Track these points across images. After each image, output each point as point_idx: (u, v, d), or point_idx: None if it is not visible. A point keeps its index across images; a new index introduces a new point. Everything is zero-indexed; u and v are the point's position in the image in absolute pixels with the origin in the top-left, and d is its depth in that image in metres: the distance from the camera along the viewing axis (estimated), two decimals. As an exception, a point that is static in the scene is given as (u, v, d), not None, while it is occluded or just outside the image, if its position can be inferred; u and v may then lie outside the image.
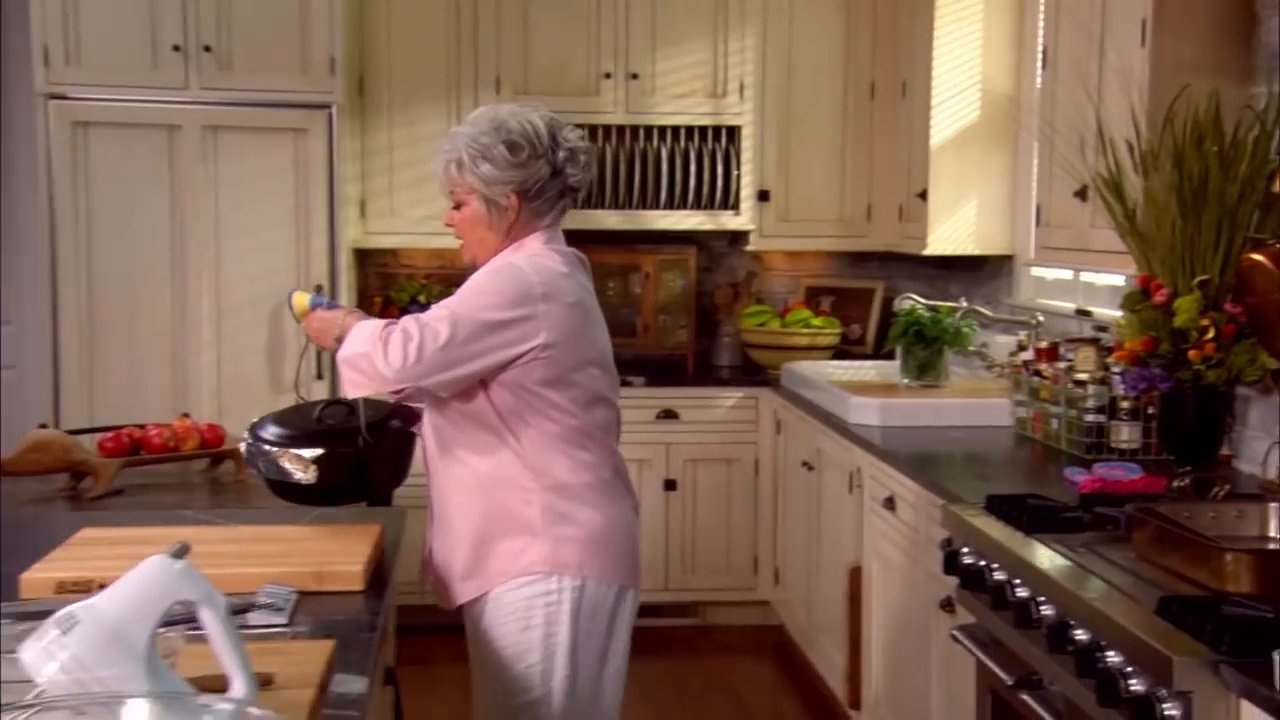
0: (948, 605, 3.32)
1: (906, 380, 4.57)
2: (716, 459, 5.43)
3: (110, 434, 3.74)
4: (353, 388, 2.65)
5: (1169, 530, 2.51)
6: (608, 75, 5.53)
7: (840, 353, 5.69)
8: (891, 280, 5.97)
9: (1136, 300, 3.30)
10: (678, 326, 5.70)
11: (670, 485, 5.36)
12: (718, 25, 5.57)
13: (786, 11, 5.61)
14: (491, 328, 2.59)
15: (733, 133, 5.60)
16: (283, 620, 2.12)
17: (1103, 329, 3.94)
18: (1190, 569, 2.41)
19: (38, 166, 5.06)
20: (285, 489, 2.77)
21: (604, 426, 2.77)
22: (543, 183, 2.69)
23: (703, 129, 5.59)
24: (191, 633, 1.50)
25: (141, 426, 3.82)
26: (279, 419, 2.85)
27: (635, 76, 5.53)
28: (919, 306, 4.61)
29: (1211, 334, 3.14)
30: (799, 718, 4.71)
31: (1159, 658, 2.05)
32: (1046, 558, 2.62)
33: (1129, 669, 2.17)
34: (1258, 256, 3.09)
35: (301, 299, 2.85)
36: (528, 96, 5.46)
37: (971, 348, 4.62)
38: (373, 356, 2.58)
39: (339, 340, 2.69)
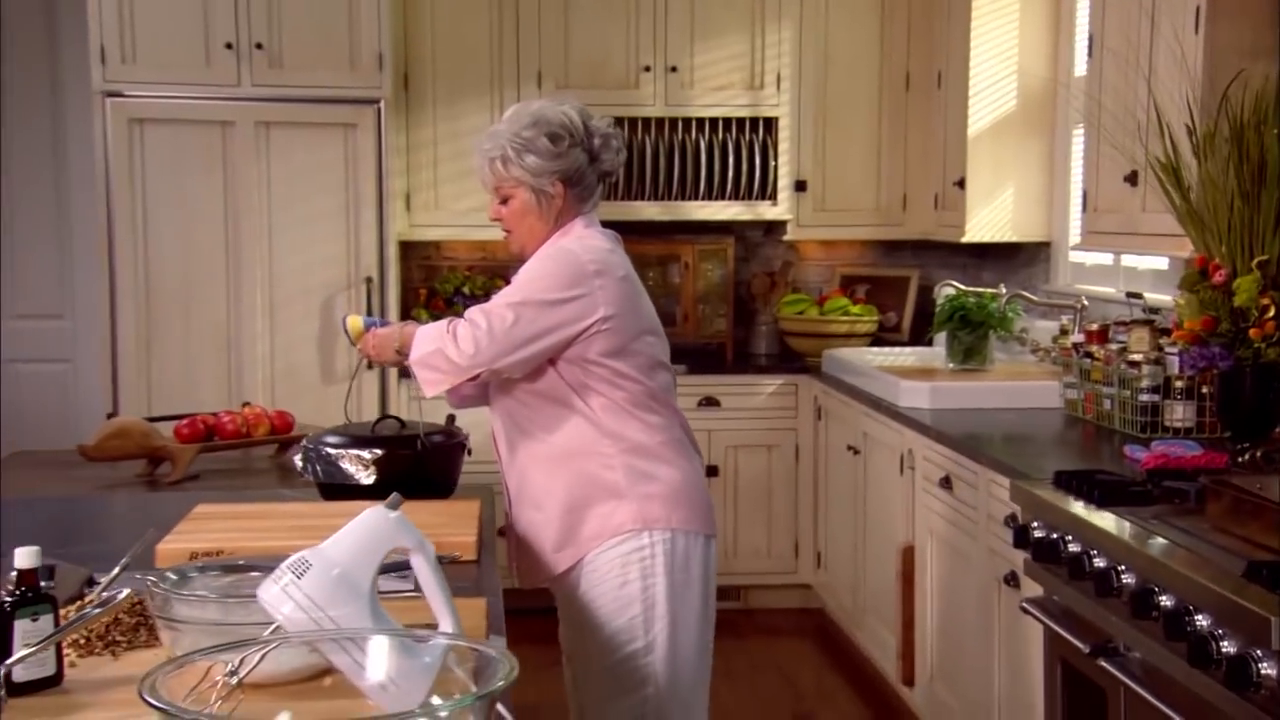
0: (1012, 579, 3.42)
1: (952, 365, 4.66)
2: (757, 445, 5.53)
3: (185, 420, 3.84)
4: (430, 386, 2.81)
5: (1246, 500, 2.61)
6: (647, 68, 5.63)
7: (876, 340, 5.78)
8: (925, 268, 6.07)
9: (1195, 280, 3.40)
10: (716, 315, 5.80)
11: (712, 471, 5.45)
12: (755, 18, 5.67)
13: (822, 4, 5.70)
14: (553, 306, 2.76)
15: (770, 124, 5.70)
16: (412, 586, 2.21)
17: (1155, 311, 4.03)
18: (1268, 536, 2.50)
19: (95, 163, 5.17)
20: (340, 492, 2.84)
21: (666, 389, 2.93)
22: (582, 169, 2.87)
23: (740, 120, 5.69)
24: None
25: (215, 414, 3.93)
26: (333, 431, 2.98)
27: (674, 69, 5.63)
28: (964, 292, 4.70)
29: (1272, 312, 3.24)
30: (848, 696, 4.81)
31: (1254, 619, 2.15)
32: (1123, 529, 2.71)
33: (1219, 631, 2.26)
34: (1317, 237, 3.19)
35: (356, 321, 3.01)
36: (568, 90, 5.56)
37: (1012, 333, 4.72)
38: (445, 350, 2.75)
39: (400, 352, 2.88)
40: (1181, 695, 2.40)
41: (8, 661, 1.51)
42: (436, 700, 1.27)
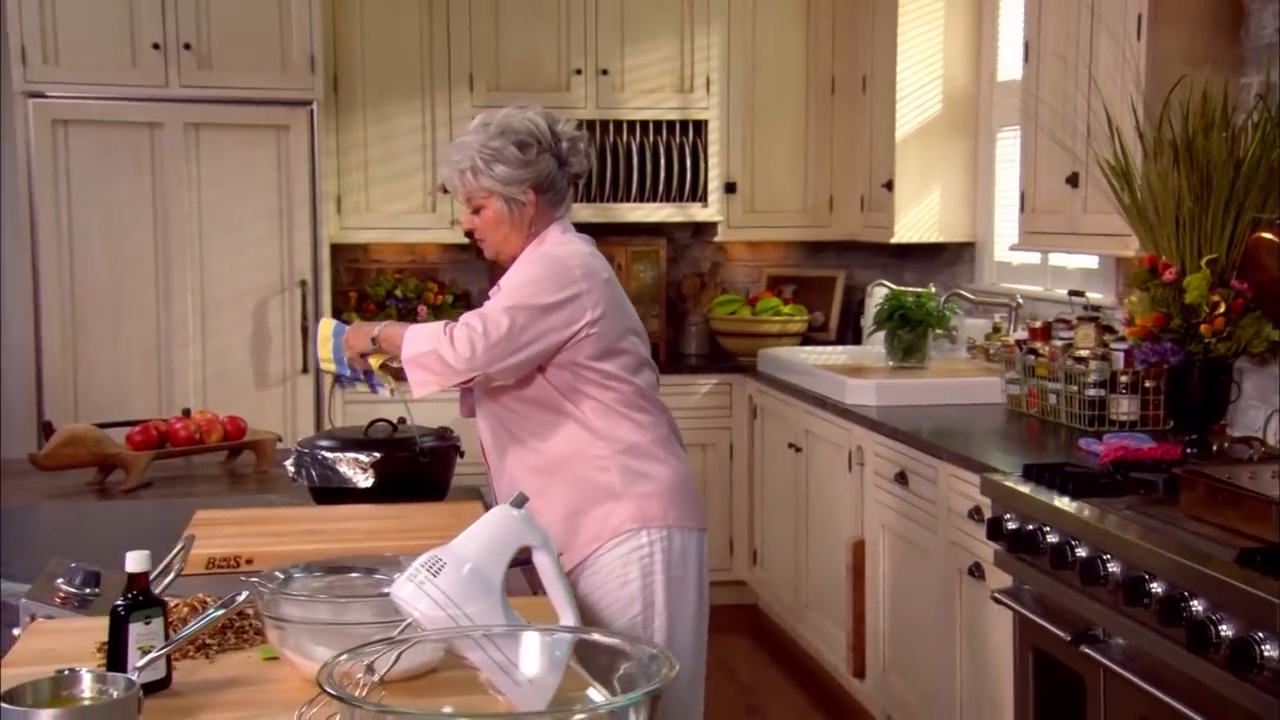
0: (976, 571, 3.51)
1: (892, 362, 4.76)
2: (692, 444, 5.51)
3: (137, 427, 3.78)
4: (421, 386, 2.79)
5: (1223, 489, 2.71)
6: (578, 71, 5.65)
7: (805, 339, 5.87)
8: (850, 268, 6.17)
9: (1145, 278, 3.51)
10: (649, 316, 5.84)
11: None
12: (684, 22, 5.72)
13: (749, 9, 5.77)
14: (546, 311, 2.78)
15: (700, 127, 5.75)
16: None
17: (1096, 308, 4.16)
18: (1247, 524, 2.60)
19: (17, 165, 5.04)
20: (333, 496, 2.83)
21: (652, 387, 2.97)
22: (553, 175, 2.89)
23: (671, 123, 5.74)
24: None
25: (166, 420, 3.87)
26: (326, 435, 2.97)
27: (605, 72, 5.66)
28: (901, 291, 4.80)
29: (1222, 308, 3.36)
30: (792, 689, 4.88)
31: (1257, 602, 2.24)
32: (1105, 519, 2.80)
33: (1215, 616, 2.36)
34: (1268, 235, 3.32)
35: (327, 324, 2.98)
36: (500, 93, 5.56)
37: (949, 331, 4.83)
38: (440, 353, 2.74)
39: (375, 340, 2.88)
40: (1174, 679, 2.49)
41: (147, 658, 1.50)
42: (597, 696, 1.29)
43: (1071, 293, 4.32)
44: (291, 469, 2.81)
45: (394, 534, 2.41)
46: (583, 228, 5.66)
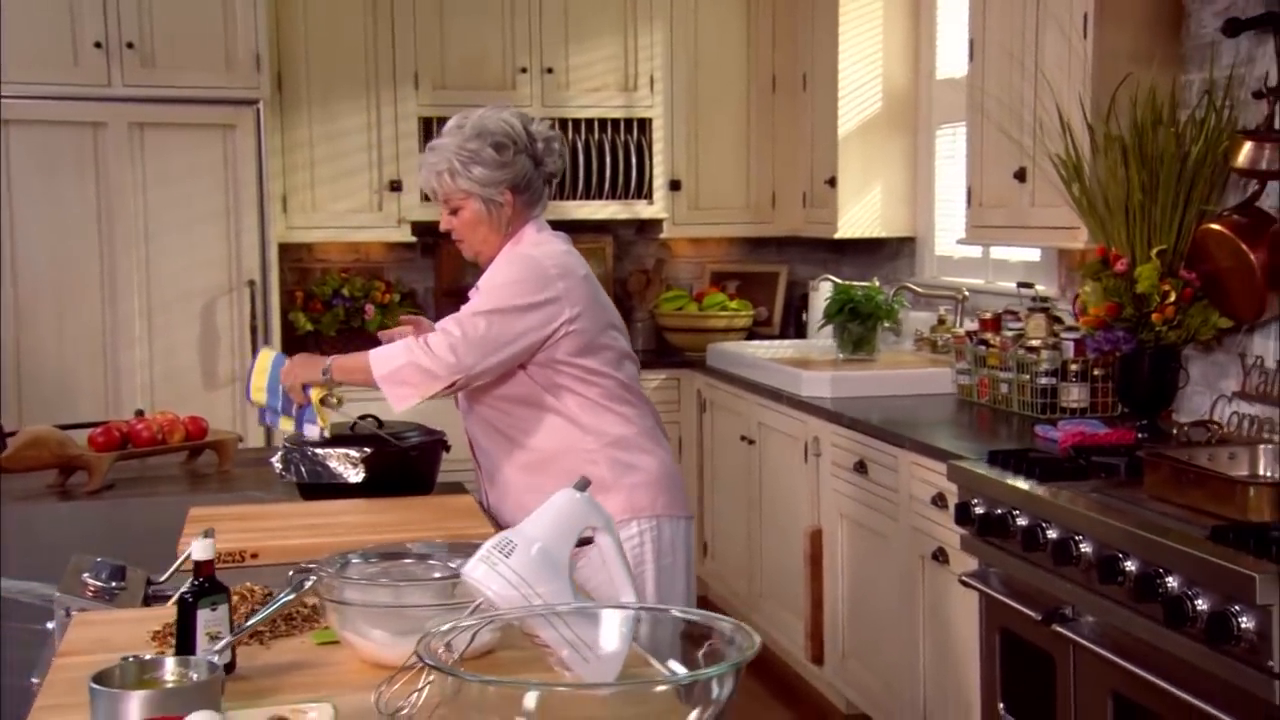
0: (940, 555, 3.60)
1: (842, 355, 4.85)
2: (642, 439, 5.62)
3: (99, 429, 3.76)
4: (401, 401, 2.82)
5: (1187, 471, 2.82)
6: (523, 70, 5.68)
7: (750, 334, 5.95)
8: (791, 264, 6.26)
9: (1098, 269, 3.62)
10: (596, 313, 5.87)
11: (599, 466, 5.53)
12: (627, 21, 5.77)
13: (691, 7, 5.84)
14: (522, 311, 2.83)
15: (644, 125, 5.81)
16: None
17: (1045, 300, 4.27)
18: (1212, 504, 2.70)
19: (-42, 166, 4.98)
20: (321, 492, 2.83)
21: (634, 379, 3.04)
22: (529, 175, 2.93)
23: (616, 121, 5.79)
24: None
25: (127, 421, 3.85)
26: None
27: (550, 71, 5.69)
28: (849, 286, 4.89)
29: (1173, 297, 3.48)
30: (749, 676, 4.93)
31: (1234, 577, 2.34)
32: (1074, 500, 2.90)
33: (1191, 591, 2.46)
34: (1216, 226, 3.44)
35: (267, 355, 2.99)
36: (445, 92, 5.59)
37: (897, 324, 4.93)
38: (417, 363, 2.79)
39: (326, 372, 2.91)
40: (1147, 654, 2.58)
41: (223, 641, 1.53)
42: (679, 669, 1.34)
43: (1020, 284, 4.43)
44: (279, 466, 2.82)
45: (392, 527, 2.44)
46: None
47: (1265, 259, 3.32)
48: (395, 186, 5.57)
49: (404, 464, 2.83)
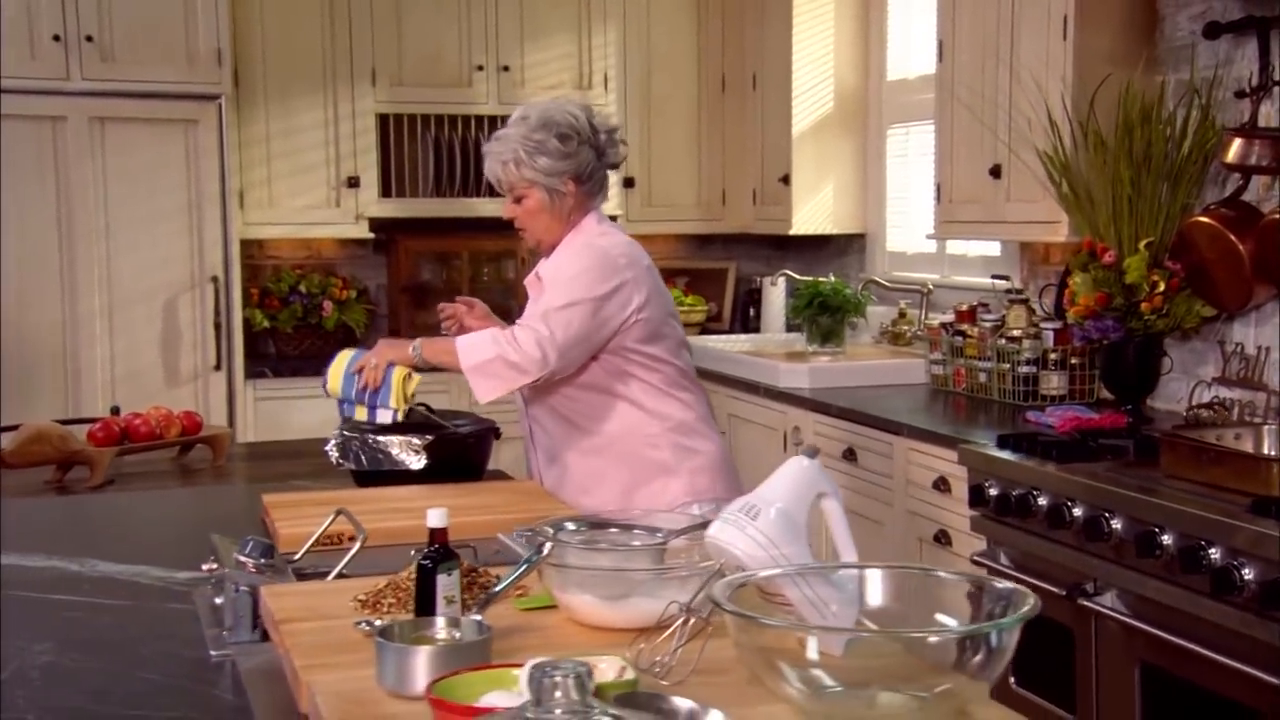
0: (942, 538, 3.72)
1: (812, 347, 4.96)
2: (602, 433, 5.69)
3: (98, 424, 3.74)
4: (487, 393, 2.89)
5: (1208, 450, 2.97)
6: (480, 68, 5.70)
7: (702, 329, 6.04)
8: (738, 260, 6.37)
9: (1086, 261, 3.78)
10: (552, 309, 5.92)
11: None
12: (581, 20, 5.83)
13: (644, 7, 5.92)
14: (601, 301, 2.91)
15: (599, 122, 5.86)
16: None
17: (1020, 291, 4.43)
18: (1233, 480, 2.85)
19: (-86, 161, 4.86)
20: (378, 478, 2.85)
21: (691, 366, 3.12)
22: (591, 166, 3.01)
23: (571, 119, 5.83)
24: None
25: (124, 416, 3.83)
26: (359, 424, 3.00)
27: (506, 69, 5.72)
28: (815, 281, 5.01)
29: (1161, 287, 3.65)
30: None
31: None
32: (1097, 479, 3.03)
33: (1236, 562, 2.60)
34: (1204, 219, 3.62)
35: (345, 355, 3.01)
36: (402, 88, 5.60)
37: (865, 317, 5.06)
38: (506, 358, 2.85)
39: (416, 350, 2.96)
40: (1183, 624, 2.72)
41: (483, 599, 1.60)
42: (950, 621, 1.41)
43: (995, 276, 4.58)
44: (335, 454, 2.83)
45: (479, 510, 2.47)
46: (487, 223, 5.79)
47: (1253, 250, 3.49)
48: (353, 183, 5.56)
49: (462, 451, 2.86)
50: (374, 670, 1.42)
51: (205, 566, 2.00)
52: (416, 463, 2.78)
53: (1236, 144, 3.50)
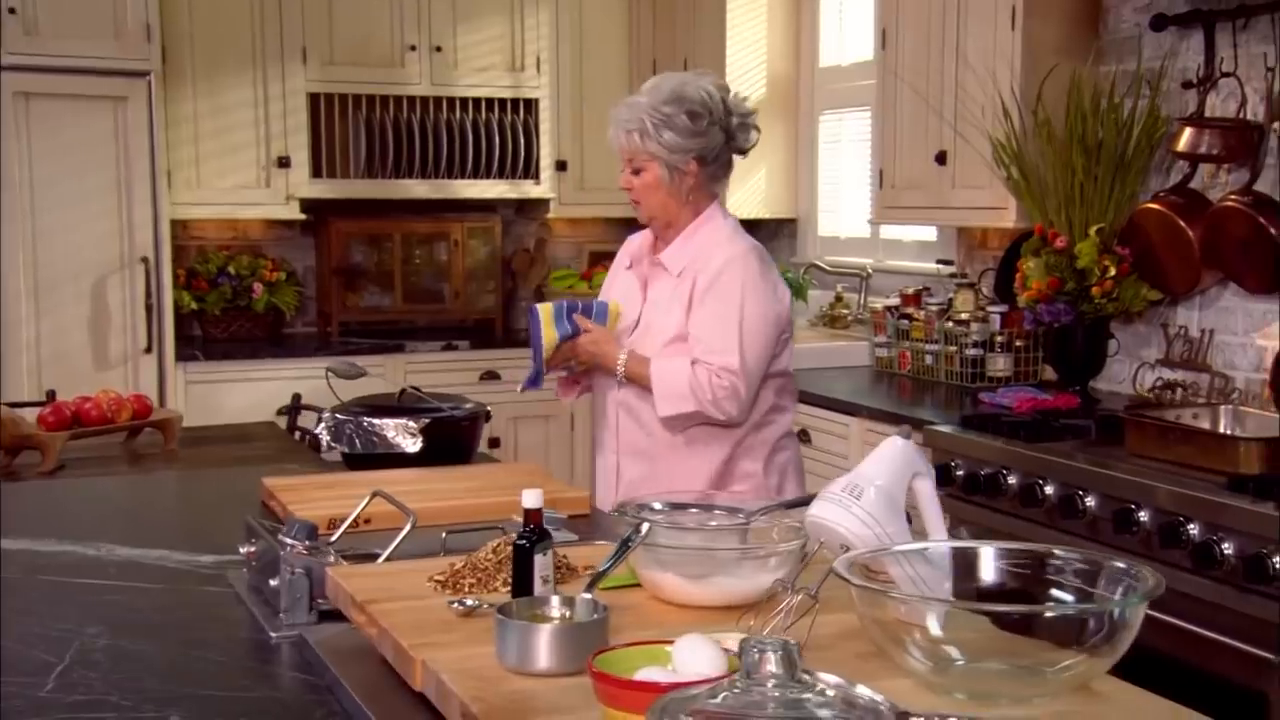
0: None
1: (753, 331, 5.00)
2: (535, 416, 5.69)
3: (49, 407, 3.66)
4: (674, 426, 2.86)
5: (1174, 429, 3.07)
6: (413, 48, 5.65)
7: (631, 312, 6.05)
8: (665, 244, 6.39)
9: (1038, 246, 3.87)
10: (485, 292, 5.91)
11: (494, 443, 5.57)
12: (514, 1, 5.80)
13: (575, -11, 5.91)
14: (772, 341, 2.90)
15: (531, 105, 5.85)
16: (576, 535, 2.30)
17: (964, 275, 4.52)
18: (1200, 459, 2.95)
19: None
20: (370, 461, 2.83)
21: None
22: (718, 149, 2.89)
23: (504, 101, 5.81)
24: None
25: (75, 400, 3.75)
26: (358, 402, 2.98)
27: (439, 49, 5.68)
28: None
29: (1112, 272, 3.75)
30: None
31: (1262, 520, 2.58)
32: (1071, 458, 3.11)
33: (1215, 537, 2.69)
34: (1154, 206, 3.73)
35: (547, 310, 2.94)
36: (334, 67, 5.53)
37: (806, 301, 5.12)
38: (704, 410, 2.81)
39: (621, 367, 2.88)
40: (1166, 598, 2.80)
41: (601, 574, 1.58)
42: (1066, 596, 1.46)
43: (940, 260, 4.67)
44: (326, 436, 2.80)
45: (493, 491, 2.47)
46: (420, 204, 5.75)
47: (1202, 235, 3.61)
48: (284, 163, 5.47)
49: (456, 434, 2.85)
50: (486, 648, 1.42)
51: (244, 549, 1.97)
52: (412, 446, 2.76)
53: (1188, 133, 3.61)
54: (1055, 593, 1.50)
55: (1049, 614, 1.44)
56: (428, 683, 1.39)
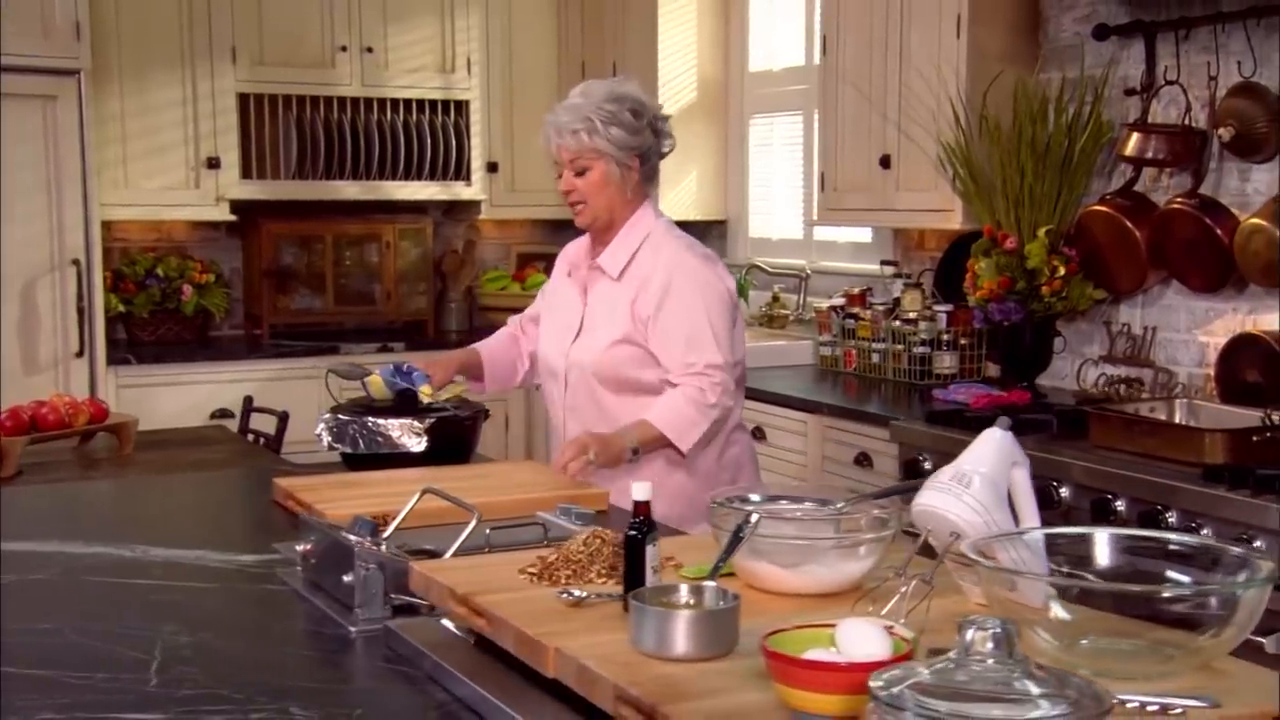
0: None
1: (694, 331, 5.06)
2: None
3: (5, 412, 3.61)
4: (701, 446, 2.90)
5: (1141, 422, 3.20)
6: (343, 48, 5.61)
7: (561, 314, 6.08)
8: (591, 246, 6.43)
9: (988, 246, 3.99)
10: (416, 293, 5.89)
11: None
12: (444, 2, 5.79)
13: (505, -9, 5.93)
14: (732, 312, 2.99)
15: (462, 107, 5.85)
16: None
17: (906, 275, 4.62)
18: (1166, 450, 3.08)
19: None
20: (371, 462, 2.82)
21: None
22: (652, 148, 2.95)
23: (434, 103, 5.80)
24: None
25: (31, 405, 3.70)
26: (355, 403, 2.98)
27: (370, 50, 5.65)
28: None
29: (1061, 271, 3.88)
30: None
31: (1240, 507, 2.70)
32: (1039, 450, 3.21)
33: (1194, 524, 2.81)
34: (1101, 208, 3.86)
35: (377, 381, 2.96)
36: (264, 67, 5.48)
37: (747, 301, 5.19)
38: (712, 417, 2.86)
39: (636, 450, 2.81)
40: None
41: (715, 564, 1.64)
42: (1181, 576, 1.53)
43: (884, 261, 4.77)
44: (327, 438, 2.79)
45: (508, 489, 2.49)
46: (351, 206, 5.71)
47: (1149, 236, 3.75)
48: (213, 164, 5.40)
49: (459, 434, 2.86)
50: (608, 635, 1.45)
51: (299, 547, 1.97)
52: (417, 445, 2.76)
53: (1135, 138, 3.75)
54: (1170, 573, 1.57)
55: (1174, 595, 1.50)
56: (565, 669, 1.42)
